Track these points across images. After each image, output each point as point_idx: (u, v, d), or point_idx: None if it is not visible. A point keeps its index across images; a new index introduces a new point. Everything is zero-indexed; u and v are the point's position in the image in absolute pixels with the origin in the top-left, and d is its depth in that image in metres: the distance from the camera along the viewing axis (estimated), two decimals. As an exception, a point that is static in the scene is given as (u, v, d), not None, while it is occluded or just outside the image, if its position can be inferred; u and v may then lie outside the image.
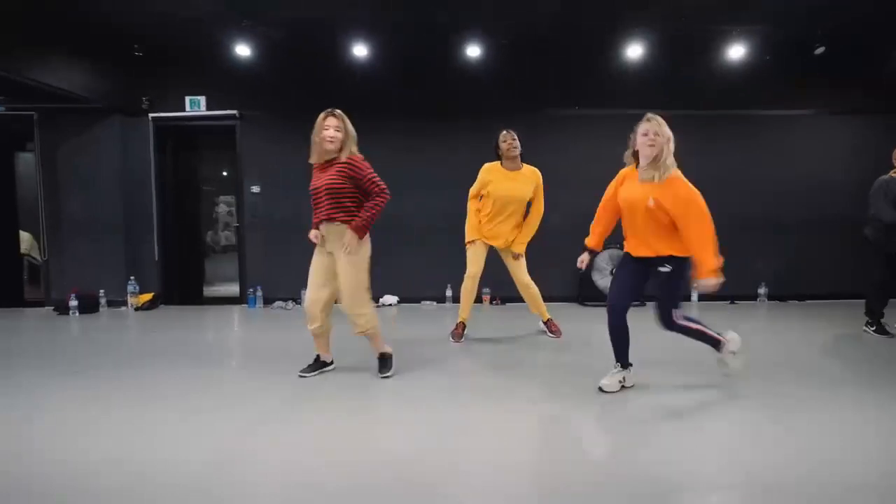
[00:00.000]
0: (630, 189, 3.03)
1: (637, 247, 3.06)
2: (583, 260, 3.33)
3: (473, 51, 5.84)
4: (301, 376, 3.40)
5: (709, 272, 2.80)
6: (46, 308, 6.14)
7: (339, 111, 3.25)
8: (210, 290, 7.39)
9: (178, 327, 5.30)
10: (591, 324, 5.23)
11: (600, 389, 3.09)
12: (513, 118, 6.23)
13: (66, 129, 6.11)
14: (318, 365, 3.51)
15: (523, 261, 4.40)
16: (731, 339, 3.22)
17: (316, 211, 3.29)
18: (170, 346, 4.40)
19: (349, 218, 3.21)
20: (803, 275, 6.37)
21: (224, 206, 7.99)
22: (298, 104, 6.16)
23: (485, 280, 6.14)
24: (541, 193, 4.34)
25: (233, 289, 6.71)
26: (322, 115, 3.24)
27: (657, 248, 2.98)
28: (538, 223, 4.39)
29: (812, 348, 4.20)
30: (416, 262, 6.36)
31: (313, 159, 3.30)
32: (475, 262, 4.35)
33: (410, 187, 6.24)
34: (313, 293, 3.33)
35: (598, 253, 3.28)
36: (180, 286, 6.60)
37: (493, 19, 5.48)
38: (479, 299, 6.32)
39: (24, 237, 6.99)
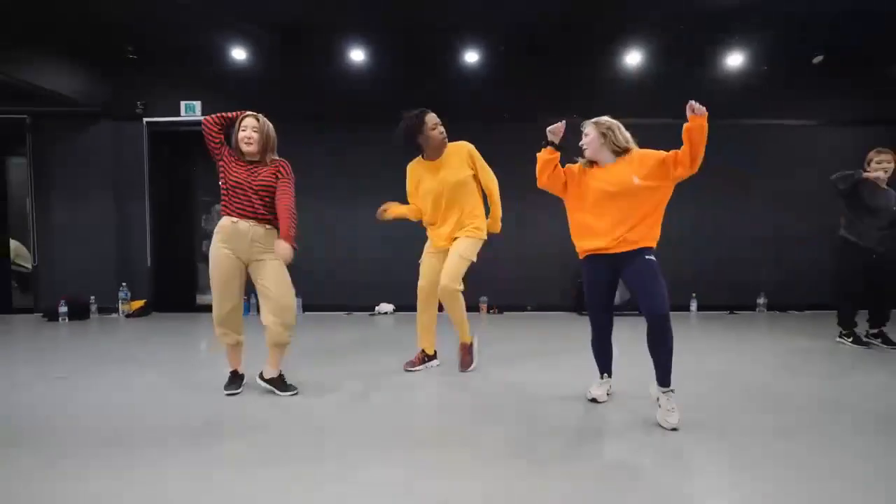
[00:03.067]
0: (600, 176, 2.80)
1: (607, 238, 2.77)
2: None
3: (470, 56, 5.82)
4: (231, 394, 3.12)
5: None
6: (35, 315, 6.03)
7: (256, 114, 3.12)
8: (204, 298, 7.29)
9: (167, 335, 5.19)
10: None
11: (594, 400, 2.97)
12: (507, 124, 6.24)
13: (59, 134, 6.04)
14: (239, 378, 3.24)
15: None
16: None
17: (233, 206, 3.01)
18: (154, 354, 4.30)
19: (275, 223, 3.07)
20: (803, 285, 6.32)
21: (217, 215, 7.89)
22: (294, 109, 6.12)
23: (482, 288, 6.17)
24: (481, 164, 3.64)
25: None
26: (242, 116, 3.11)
27: (642, 238, 2.76)
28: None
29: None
30: (412, 270, 6.27)
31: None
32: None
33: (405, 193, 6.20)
34: (232, 300, 3.05)
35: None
36: (172, 293, 6.49)
37: (491, 26, 5.47)
38: (475, 308, 6.26)
39: (12, 245, 6.87)
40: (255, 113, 3.09)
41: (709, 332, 5.20)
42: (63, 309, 5.73)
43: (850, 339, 4.46)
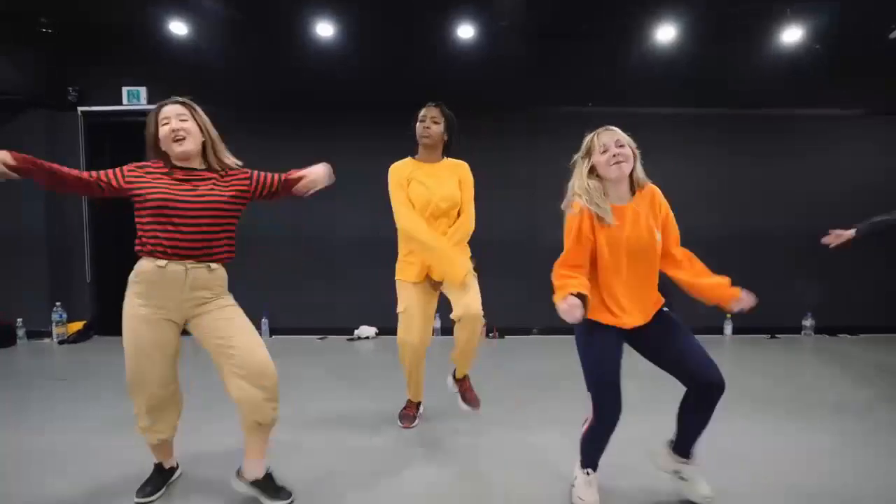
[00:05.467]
0: (622, 221, 2.07)
1: (635, 312, 2.09)
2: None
3: (465, 31, 4.82)
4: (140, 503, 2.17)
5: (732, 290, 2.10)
6: (-49, 341, 5.12)
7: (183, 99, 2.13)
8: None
9: (107, 365, 4.29)
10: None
11: None
12: (510, 115, 5.30)
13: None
14: (164, 475, 2.30)
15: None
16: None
17: (158, 240, 2.01)
18: (87, 392, 3.39)
19: (228, 254, 2.15)
20: (856, 303, 5.39)
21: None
22: (254, 97, 5.18)
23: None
24: (469, 192, 2.89)
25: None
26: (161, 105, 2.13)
27: (657, 298, 2.18)
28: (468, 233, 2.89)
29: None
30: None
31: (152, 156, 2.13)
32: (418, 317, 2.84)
33: (386, 197, 5.25)
34: (162, 379, 2.08)
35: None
36: (117, 313, 5.55)
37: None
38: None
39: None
40: (179, 98, 2.12)
41: (745, 364, 4.30)
42: (-18, 335, 4.84)
43: None
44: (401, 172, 2.87)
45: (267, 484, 2.15)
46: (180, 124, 2.05)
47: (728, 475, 2.37)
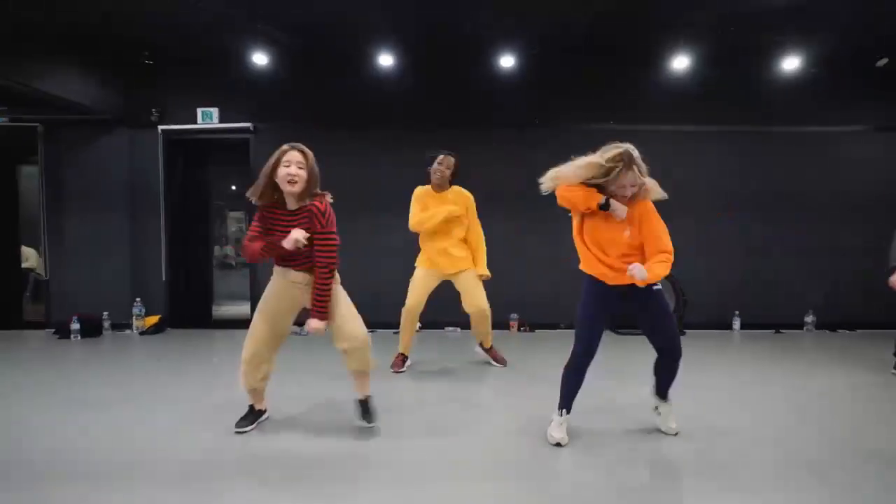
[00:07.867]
0: (597, 222, 2.75)
1: (618, 275, 2.66)
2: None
3: (506, 61, 5.51)
4: (239, 432, 2.91)
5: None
6: (47, 331, 5.78)
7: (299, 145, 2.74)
8: (220, 310, 7.03)
9: (181, 354, 4.93)
10: (632, 354, 4.78)
11: (558, 444, 2.68)
12: (539, 132, 5.91)
13: (71, 142, 5.80)
14: (256, 415, 3.03)
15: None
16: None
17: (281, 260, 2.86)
18: (167, 379, 4.02)
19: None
20: (854, 301, 5.92)
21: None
22: (315, 117, 5.84)
23: (513, 304, 5.85)
24: (474, 213, 4.20)
25: (244, 308, 6.35)
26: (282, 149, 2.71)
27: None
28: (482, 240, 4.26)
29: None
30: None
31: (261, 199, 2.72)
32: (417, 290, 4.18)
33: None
34: (270, 327, 2.90)
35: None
36: (188, 308, 6.22)
37: (524, 27, 5.16)
38: (505, 326, 5.92)
39: (30, 253, 6.77)
40: (300, 146, 2.69)
41: (747, 358, 4.84)
42: (75, 326, 5.49)
43: None
44: (419, 195, 4.11)
45: (363, 406, 2.96)
46: (297, 171, 2.62)
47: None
